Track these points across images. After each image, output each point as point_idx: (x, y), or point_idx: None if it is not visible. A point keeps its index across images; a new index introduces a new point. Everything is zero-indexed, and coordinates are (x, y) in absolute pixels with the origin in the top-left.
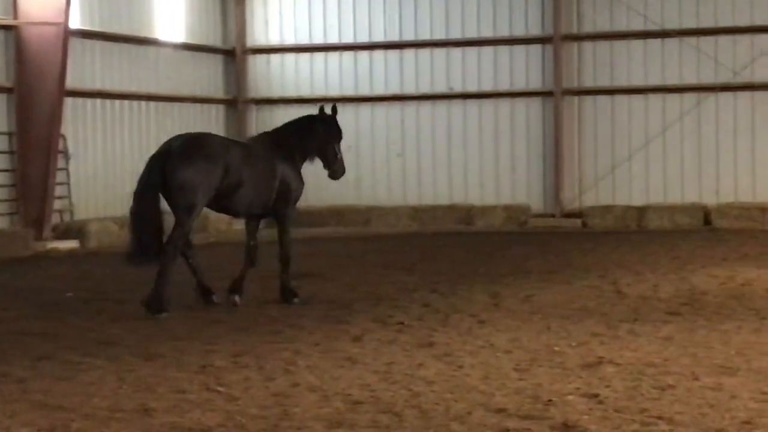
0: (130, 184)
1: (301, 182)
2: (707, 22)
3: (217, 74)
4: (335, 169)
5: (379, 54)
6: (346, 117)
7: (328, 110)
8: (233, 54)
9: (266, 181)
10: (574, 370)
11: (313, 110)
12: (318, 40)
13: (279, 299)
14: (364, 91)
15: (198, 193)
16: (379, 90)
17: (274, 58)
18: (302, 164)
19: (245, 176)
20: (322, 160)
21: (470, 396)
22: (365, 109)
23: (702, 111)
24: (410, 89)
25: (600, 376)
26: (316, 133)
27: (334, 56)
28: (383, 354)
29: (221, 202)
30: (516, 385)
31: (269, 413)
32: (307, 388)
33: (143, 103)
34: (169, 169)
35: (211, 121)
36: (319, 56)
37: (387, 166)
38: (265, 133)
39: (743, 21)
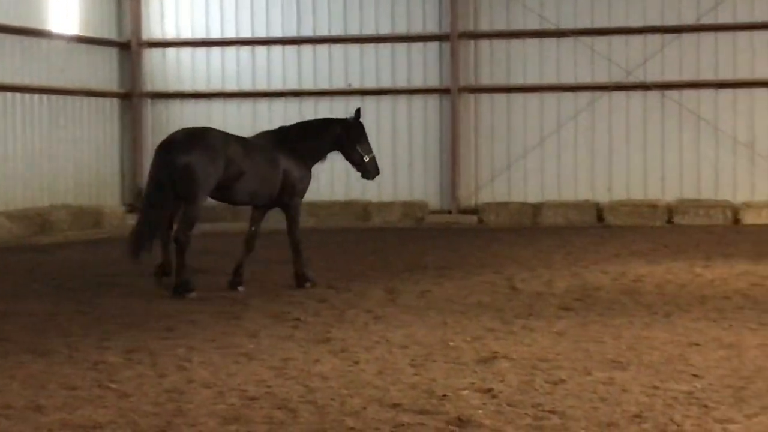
0: (22, 179)
1: (306, 177)
2: (601, 23)
3: (111, 67)
4: (365, 169)
5: (276, 49)
6: (243, 113)
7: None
8: (128, 47)
9: (268, 174)
10: (468, 365)
11: (209, 105)
12: (215, 34)
13: (294, 284)
14: (262, 86)
15: (198, 181)
16: (277, 85)
17: (170, 51)
18: (314, 162)
19: (246, 168)
20: (350, 162)
21: (365, 391)
22: (263, 104)
23: (596, 110)
24: (308, 85)
25: (494, 370)
26: (331, 135)
27: (231, 51)
28: (279, 350)
29: (224, 193)
30: (411, 380)
31: (162, 410)
32: (201, 384)
33: (35, 96)
34: (170, 158)
35: (105, 115)
36: (216, 51)
37: None
38: (272, 130)
39: (636, 22)
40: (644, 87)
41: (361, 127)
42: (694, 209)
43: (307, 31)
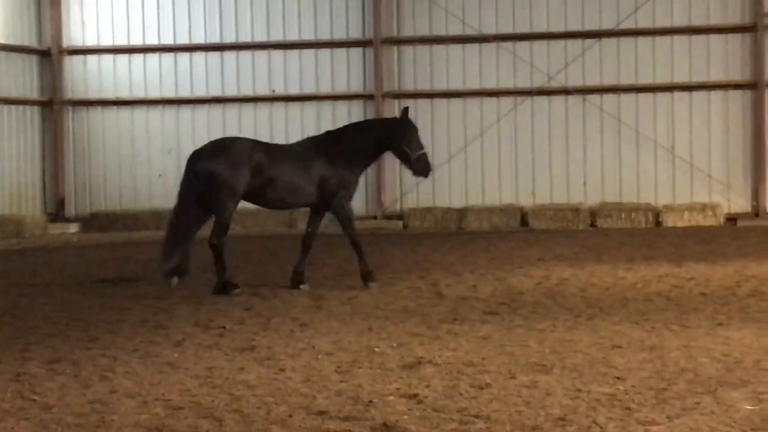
0: None
1: (346, 181)
2: (523, 28)
3: (32, 75)
4: (414, 168)
5: (199, 56)
6: (166, 119)
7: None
8: (49, 54)
9: (299, 180)
10: (394, 370)
11: (132, 112)
12: (136, 41)
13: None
14: (185, 93)
15: (223, 189)
16: (200, 92)
17: (91, 59)
18: (359, 165)
19: (274, 175)
20: (401, 161)
21: (291, 399)
22: (186, 111)
23: (518, 115)
24: (232, 91)
25: (420, 376)
26: (371, 137)
27: (153, 58)
28: (204, 359)
29: (256, 199)
30: (337, 387)
31: (86, 421)
32: (125, 394)
33: None
34: (196, 167)
35: (26, 123)
36: (138, 57)
37: None
38: (316, 135)
39: (557, 27)
40: (566, 92)
41: (407, 125)
42: (616, 212)
43: (230, 38)
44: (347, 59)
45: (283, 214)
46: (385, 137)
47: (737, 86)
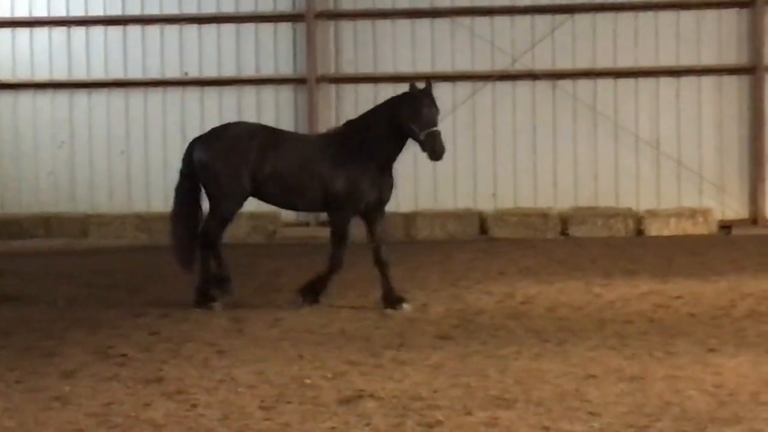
0: None
1: (348, 185)
2: (482, 1)
3: None
4: (426, 150)
5: (97, 31)
6: (57, 106)
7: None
8: None
9: (297, 179)
10: (329, 406)
11: (15, 97)
12: (21, 13)
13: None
14: (80, 75)
15: (221, 181)
16: (98, 74)
17: None
18: (379, 157)
19: (271, 170)
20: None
21: None
22: (81, 96)
23: (477, 103)
24: (136, 73)
25: (359, 412)
26: (381, 123)
27: (41, 33)
28: (101, 392)
29: (258, 195)
30: (260, 425)
31: None
32: None
33: None
34: (193, 157)
35: None
36: (23, 33)
37: (108, 165)
38: (338, 126)
39: (522, 0)
40: (533, 76)
41: (411, 99)
42: (591, 219)
43: (134, 9)
44: (274, 36)
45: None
46: (395, 118)
47: (732, 71)
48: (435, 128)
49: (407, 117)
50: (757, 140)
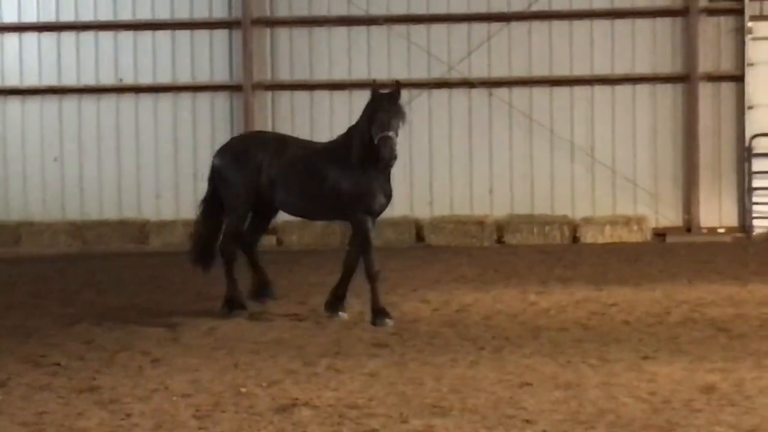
0: None
1: (353, 188)
2: (419, 9)
3: None
4: (377, 155)
5: (30, 37)
6: None
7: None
8: None
9: (307, 186)
10: (264, 414)
11: None
12: None
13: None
14: (12, 81)
15: (228, 187)
16: (32, 81)
17: None
18: (372, 161)
19: (278, 177)
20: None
21: None
22: (13, 103)
23: (413, 111)
24: (70, 80)
25: (294, 420)
26: (361, 125)
27: None
28: (33, 402)
29: (271, 203)
30: None
31: None
32: None
33: None
34: (212, 163)
35: None
36: None
37: (41, 173)
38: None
39: (459, 8)
40: (469, 84)
41: (370, 102)
42: (527, 226)
43: (68, 15)
44: (210, 43)
45: (133, 225)
46: (366, 122)
47: (666, 79)
48: (387, 133)
49: (367, 120)
50: (690, 148)
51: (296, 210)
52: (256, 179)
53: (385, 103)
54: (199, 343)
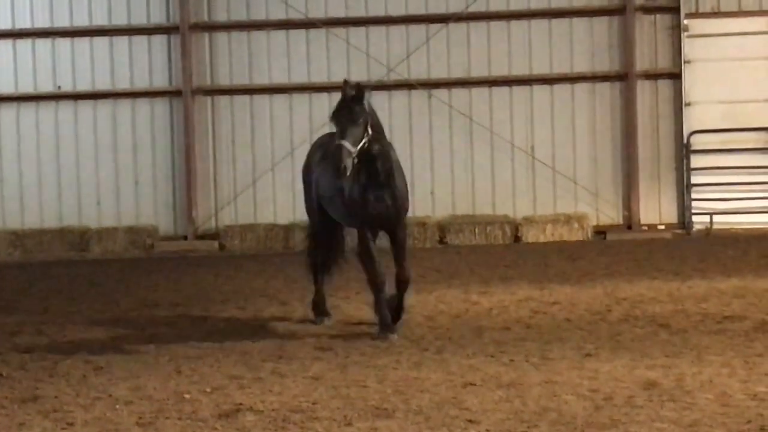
0: None
1: (346, 198)
2: (357, 12)
3: None
4: None
5: None
6: None
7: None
8: None
9: (334, 192)
10: (208, 420)
11: None
12: None
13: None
14: None
15: (305, 195)
16: None
17: None
18: (352, 174)
19: (317, 181)
20: None
21: None
22: None
23: None
24: (8, 88)
25: (238, 426)
26: None
27: None
28: None
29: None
30: None
31: None
32: None
33: None
34: None
35: None
36: None
37: None
38: None
39: (397, 11)
40: (408, 86)
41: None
42: (468, 227)
43: (4, 23)
44: (149, 49)
45: (74, 233)
46: None
47: (605, 78)
48: (337, 141)
49: None
50: (629, 146)
51: (342, 219)
52: (313, 186)
53: (335, 108)
54: (141, 350)
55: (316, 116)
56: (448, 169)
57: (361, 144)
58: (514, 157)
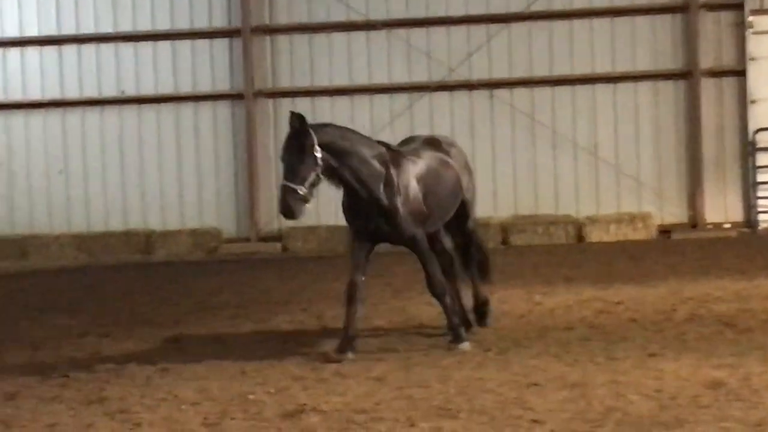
0: None
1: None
2: (418, 13)
3: None
4: None
5: (32, 51)
6: None
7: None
8: None
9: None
10: (272, 421)
11: None
12: None
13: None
14: (15, 96)
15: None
16: (35, 94)
17: None
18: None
19: None
20: None
21: None
22: (17, 118)
23: (415, 113)
24: (73, 93)
25: (302, 426)
26: None
27: None
28: (44, 414)
29: None
30: None
31: None
32: None
33: None
34: None
35: None
36: None
37: (47, 186)
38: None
39: (457, 11)
40: (469, 86)
41: None
42: (531, 227)
43: (69, 29)
44: (211, 52)
45: (138, 236)
46: None
47: (668, 76)
48: (282, 181)
49: None
50: (694, 144)
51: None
52: None
53: (284, 143)
54: (206, 352)
55: (377, 118)
56: (511, 169)
57: (311, 179)
58: (577, 157)
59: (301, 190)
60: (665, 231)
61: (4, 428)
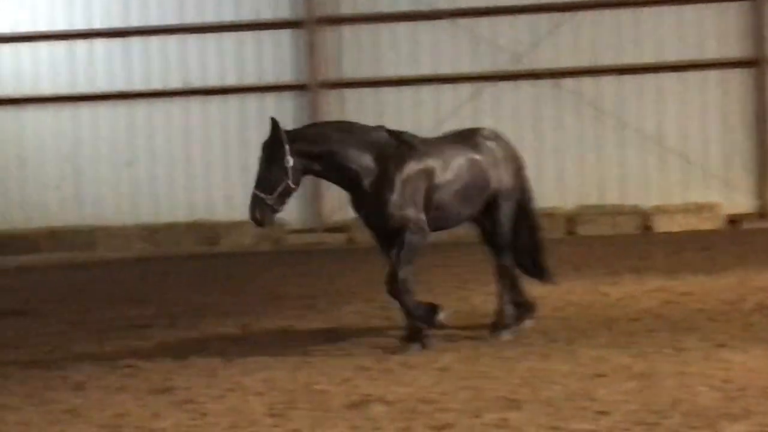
0: None
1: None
2: (483, 2)
3: None
4: None
5: (99, 43)
6: (62, 120)
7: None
8: None
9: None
10: (338, 411)
11: (18, 113)
12: (25, 27)
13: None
14: (83, 88)
15: None
16: (102, 86)
17: None
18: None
19: None
20: None
21: None
22: (85, 109)
23: (480, 103)
24: (139, 85)
25: (368, 416)
26: None
27: (44, 47)
28: (111, 404)
29: None
30: None
31: None
32: None
33: None
34: None
35: None
36: (26, 47)
37: (114, 177)
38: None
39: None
40: (535, 75)
41: None
42: (597, 217)
43: (135, 21)
44: (275, 43)
45: (204, 227)
46: None
47: (736, 64)
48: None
49: None
50: (762, 133)
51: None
52: None
53: (261, 151)
54: (271, 342)
55: (443, 108)
56: (576, 158)
57: (280, 189)
58: (644, 146)
59: (269, 200)
60: (733, 221)
61: (72, 417)
